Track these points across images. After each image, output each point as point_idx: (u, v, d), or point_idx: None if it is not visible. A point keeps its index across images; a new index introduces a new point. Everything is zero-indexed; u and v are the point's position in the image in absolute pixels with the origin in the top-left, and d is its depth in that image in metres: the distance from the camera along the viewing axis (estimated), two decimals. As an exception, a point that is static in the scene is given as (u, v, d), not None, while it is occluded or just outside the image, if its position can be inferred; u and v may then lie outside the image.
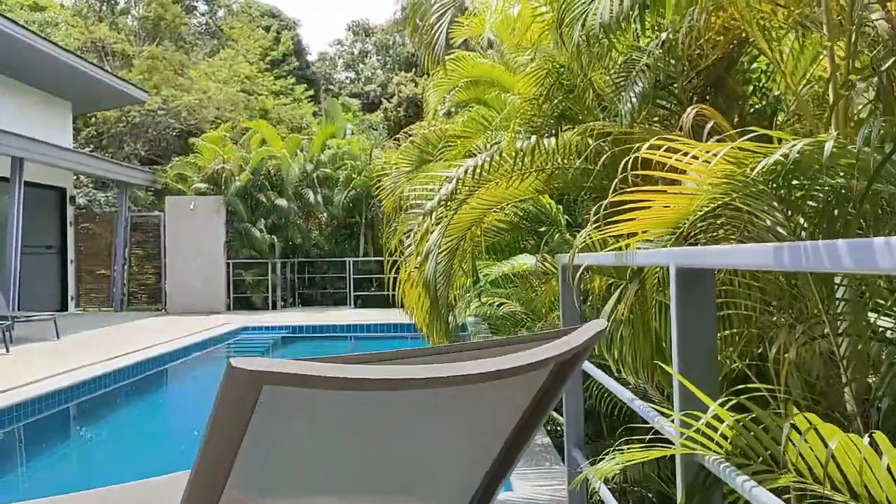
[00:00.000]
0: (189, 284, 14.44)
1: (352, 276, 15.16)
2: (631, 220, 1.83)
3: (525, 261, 4.20)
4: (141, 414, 7.41)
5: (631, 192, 1.75)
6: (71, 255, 15.03)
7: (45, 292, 14.02)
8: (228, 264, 14.66)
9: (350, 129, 29.35)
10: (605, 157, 2.50)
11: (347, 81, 43.35)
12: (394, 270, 4.39)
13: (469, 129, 4.84)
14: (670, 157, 1.67)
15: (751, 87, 3.16)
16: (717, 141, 1.94)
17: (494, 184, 3.09)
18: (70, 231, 15.05)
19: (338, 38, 48.18)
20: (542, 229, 4.47)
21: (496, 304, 4.93)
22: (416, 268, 3.20)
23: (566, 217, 4.42)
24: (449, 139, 5.08)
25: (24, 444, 5.93)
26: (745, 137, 1.68)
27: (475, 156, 4.86)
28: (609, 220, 1.92)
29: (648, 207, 1.78)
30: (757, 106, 3.13)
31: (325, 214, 15.89)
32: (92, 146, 20.19)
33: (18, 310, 11.05)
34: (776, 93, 3.13)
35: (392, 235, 10.28)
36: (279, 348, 11.46)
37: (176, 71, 20.70)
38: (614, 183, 1.85)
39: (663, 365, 2.08)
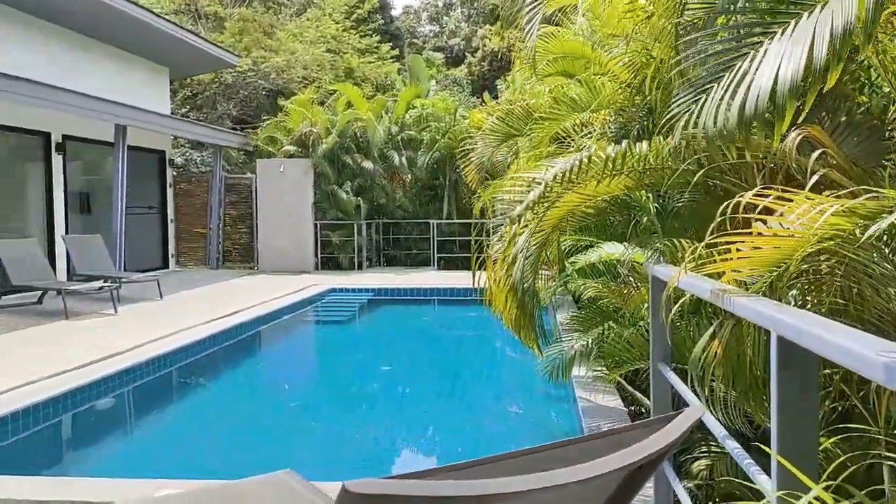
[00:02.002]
0: (279, 244, 14.93)
1: (435, 238, 15.28)
2: (729, 259, 1.76)
3: (613, 250, 4.11)
4: (243, 374, 7.80)
5: (733, 234, 1.67)
6: (171, 215, 15.78)
7: (148, 251, 14.81)
8: (316, 225, 15.04)
9: (434, 87, 29.28)
10: (702, 170, 2.39)
11: (431, 35, 42.99)
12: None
13: (557, 112, 4.71)
14: (775, 205, 1.58)
15: (859, 84, 2.94)
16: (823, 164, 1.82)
17: (583, 185, 3.01)
18: (169, 192, 15.77)
19: (422, -9, 47.50)
20: (629, 213, 4.37)
21: (582, 287, 4.87)
22: (504, 272, 3.19)
23: (656, 205, 4.29)
24: (536, 121, 4.98)
25: (137, 406, 6.37)
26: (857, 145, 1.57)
27: (563, 139, 4.77)
28: (713, 242, 1.84)
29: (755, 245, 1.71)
30: (866, 104, 2.91)
31: (409, 176, 15.99)
32: (188, 107, 20.89)
33: (124, 269, 11.73)
34: (886, 89, 2.90)
35: (475, 203, 10.27)
36: (365, 311, 11.75)
37: (265, 32, 21.03)
38: (711, 227, 1.77)
39: (758, 413, 2.02)
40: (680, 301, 2.29)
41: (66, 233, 12.16)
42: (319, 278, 13.34)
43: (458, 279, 13.04)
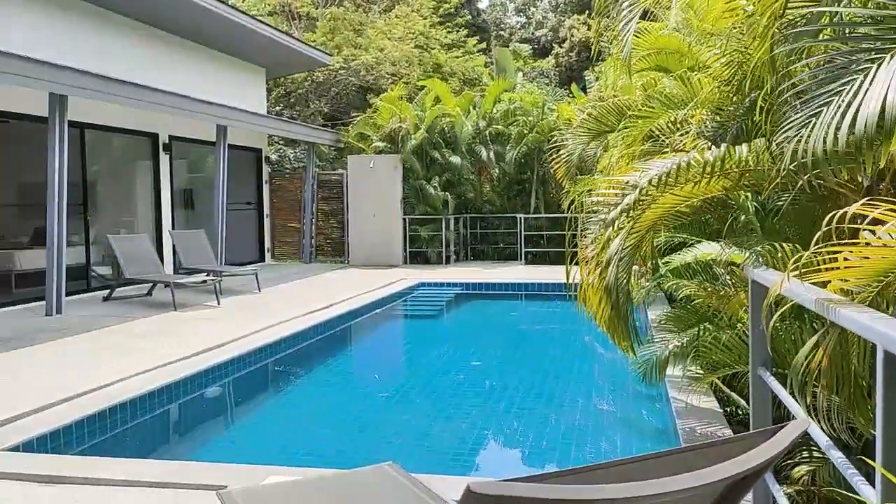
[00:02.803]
0: (369, 239, 15.29)
1: (522, 232, 15.28)
2: (835, 268, 1.74)
3: (709, 250, 4.04)
4: (338, 366, 8.09)
5: (840, 244, 1.66)
6: (266, 210, 16.43)
7: (245, 245, 15.49)
8: (405, 220, 15.31)
9: (520, 79, 29.11)
10: (807, 174, 2.34)
11: (518, 26, 42.72)
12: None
13: (650, 110, 4.66)
14: (886, 216, 1.56)
15: None
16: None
17: (679, 187, 2.99)
18: (265, 188, 16.42)
19: (510, -18, 47.23)
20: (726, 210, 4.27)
21: (676, 286, 4.80)
22: (598, 275, 3.21)
23: (755, 203, 4.19)
24: (628, 118, 4.93)
25: (244, 394, 6.72)
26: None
27: (657, 138, 4.71)
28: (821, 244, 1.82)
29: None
30: None
31: (496, 170, 16.03)
32: (281, 105, 21.62)
33: (225, 263, 12.33)
34: None
35: (563, 198, 10.21)
36: (453, 307, 11.90)
37: (355, 30, 21.49)
38: (816, 236, 1.75)
39: (861, 421, 1.98)
40: (781, 309, 2.26)
41: (172, 228, 12.89)
42: (408, 272, 13.60)
43: (546, 274, 13.01)
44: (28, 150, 10.17)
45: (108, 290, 10.49)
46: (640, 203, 2.87)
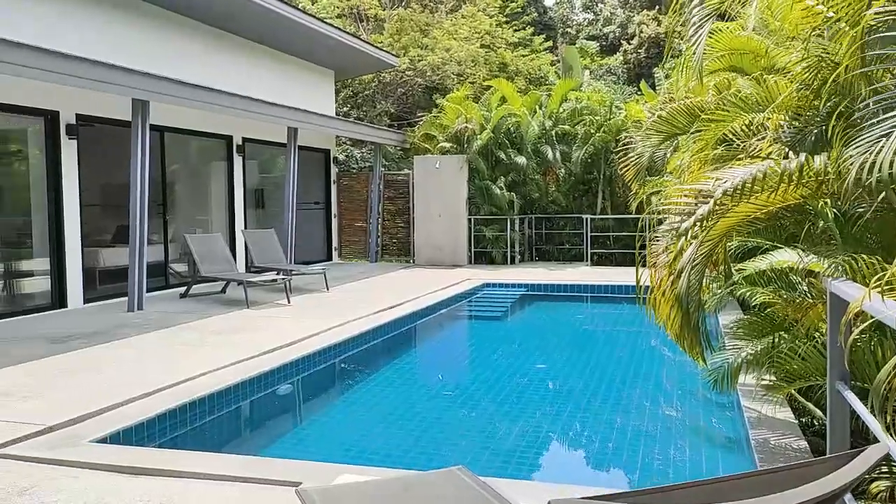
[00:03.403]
0: (434, 239, 15.41)
1: (589, 233, 15.12)
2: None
3: (785, 257, 3.94)
4: (405, 366, 8.21)
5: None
6: (334, 210, 16.75)
7: (313, 244, 15.85)
8: (470, 220, 15.36)
9: (587, 77, 28.76)
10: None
11: (585, 23, 42.23)
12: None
13: (724, 113, 4.56)
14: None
15: None
16: None
17: (754, 197, 2.94)
18: (333, 188, 16.74)
19: (577, -21, 46.71)
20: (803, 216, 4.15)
21: (749, 293, 4.69)
22: (669, 285, 3.18)
23: (834, 210, 4.06)
24: (701, 121, 4.84)
25: (314, 391, 6.90)
26: None
27: (731, 142, 4.61)
28: None
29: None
30: None
31: (562, 170, 15.92)
32: (349, 105, 21.99)
33: (294, 262, 12.65)
34: None
35: (632, 200, 10.06)
36: (518, 309, 11.89)
37: (422, 31, 21.67)
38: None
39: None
40: (862, 325, 2.20)
41: (245, 227, 13.30)
42: (473, 273, 13.65)
43: (612, 276, 12.86)
44: (110, 152, 10.65)
45: (185, 287, 10.90)
46: (714, 213, 2.83)
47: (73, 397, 5.12)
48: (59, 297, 9.56)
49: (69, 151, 9.61)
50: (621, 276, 12.67)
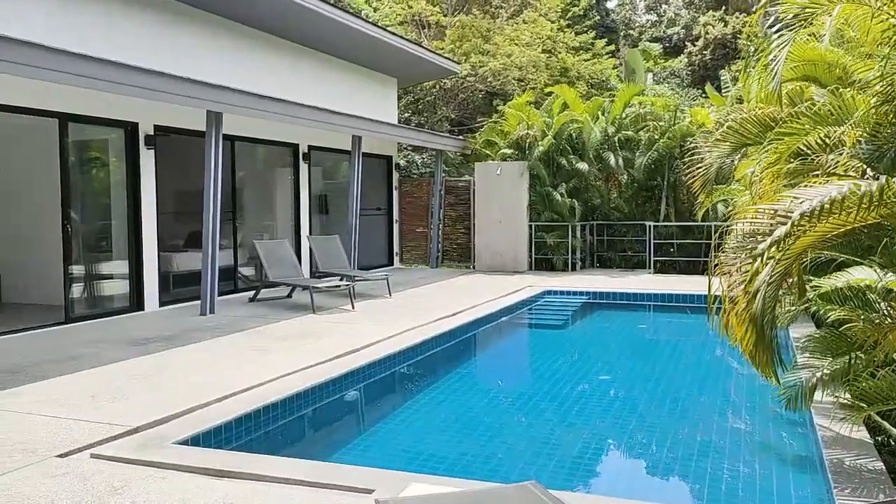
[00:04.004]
0: (495, 245, 15.46)
1: (652, 240, 14.92)
2: None
3: (862, 275, 3.86)
4: (470, 373, 8.30)
5: None
6: (396, 215, 16.98)
7: (375, 250, 16.10)
8: (531, 226, 15.35)
9: (650, 80, 28.35)
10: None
11: (648, 25, 41.63)
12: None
13: (797, 125, 4.48)
14: None
15: None
16: None
17: (834, 217, 2.91)
18: (395, 194, 16.98)
19: (639, -20, 46.10)
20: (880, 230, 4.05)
21: (824, 310, 4.60)
22: (744, 306, 3.16)
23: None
24: (772, 131, 4.76)
25: (376, 400, 7.05)
26: None
27: (805, 156, 4.54)
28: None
29: None
30: None
31: (624, 176, 15.77)
32: (410, 112, 22.25)
33: (357, 267, 12.89)
34: None
35: (698, 208, 9.89)
36: (580, 317, 11.83)
37: (483, 37, 21.76)
38: None
39: None
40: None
41: (310, 233, 13.62)
42: (534, 279, 13.64)
43: (676, 284, 12.68)
44: (183, 161, 11.07)
45: (253, 292, 11.24)
46: (791, 234, 2.81)
47: (156, 399, 5.37)
48: (136, 300, 9.99)
49: (147, 160, 10.04)
50: (686, 284, 12.47)
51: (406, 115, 21.69)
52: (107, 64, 7.68)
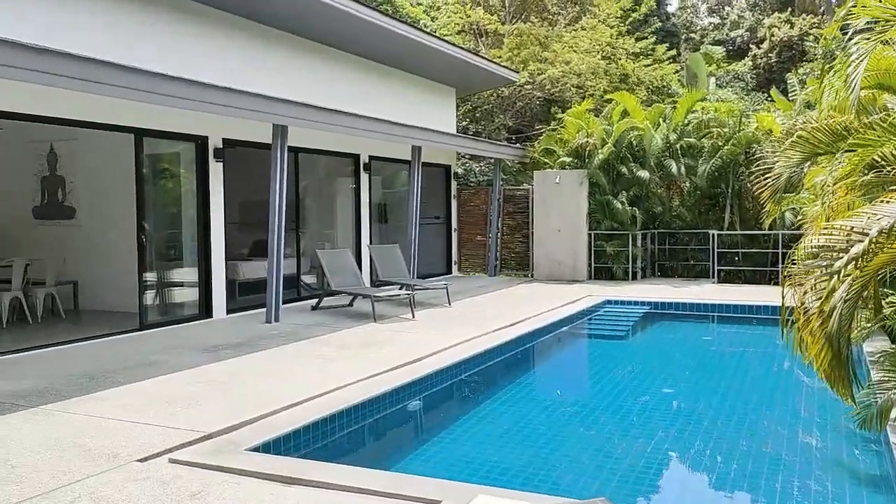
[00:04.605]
0: (553, 254, 15.38)
1: (715, 249, 14.59)
2: None
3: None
4: (531, 383, 8.30)
5: None
6: (454, 224, 17.08)
7: (434, 258, 16.22)
8: (590, 235, 15.22)
9: (713, 84, 27.77)
10: None
11: (710, 27, 40.81)
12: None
13: (872, 136, 4.37)
14: None
15: None
16: None
17: (913, 233, 2.83)
18: (453, 203, 17.08)
19: (702, -18, 45.25)
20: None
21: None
22: (819, 324, 3.10)
23: None
24: (849, 145, 4.65)
25: (439, 409, 7.12)
26: None
27: (880, 167, 4.41)
28: None
29: None
30: None
31: (687, 184, 15.49)
32: (467, 120, 22.34)
33: (417, 276, 13.01)
34: None
35: (764, 216, 9.69)
36: (642, 328, 11.68)
37: (541, 44, 21.70)
38: None
39: None
40: None
41: (370, 242, 13.83)
42: (593, 289, 13.52)
43: (742, 294, 12.39)
44: (248, 172, 11.40)
45: (316, 300, 11.47)
46: (869, 251, 2.76)
47: (227, 406, 5.56)
48: (205, 308, 10.32)
49: (216, 172, 10.38)
50: (751, 295, 12.18)
51: (463, 123, 21.78)
52: (181, 81, 7.99)
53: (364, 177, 13.85)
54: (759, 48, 31.22)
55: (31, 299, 10.04)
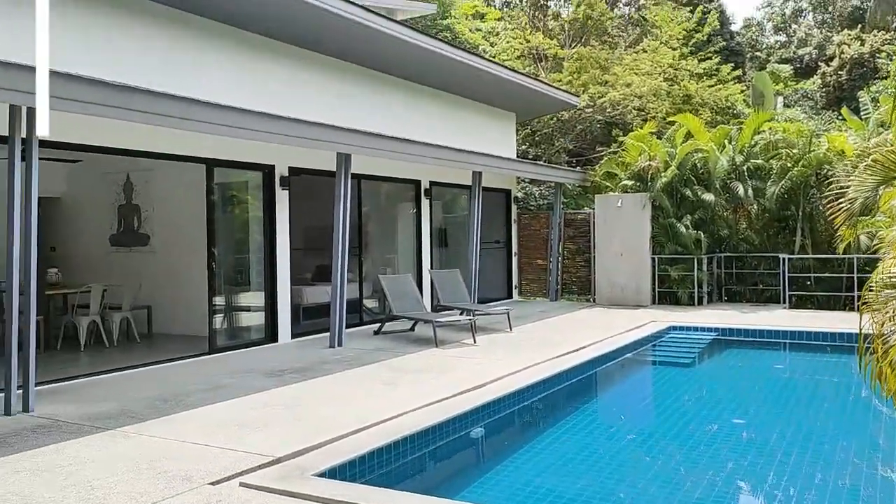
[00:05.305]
0: (616, 278, 15.16)
1: (786, 273, 14.12)
2: None
3: None
4: (596, 412, 8.18)
5: None
6: (514, 248, 17.05)
7: (494, 283, 16.19)
8: (653, 259, 14.96)
9: (780, 103, 27.07)
10: None
11: (777, 46, 39.91)
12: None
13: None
14: None
15: None
16: None
17: None
18: (513, 227, 17.06)
19: (767, 0, 44.41)
20: None
21: None
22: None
23: None
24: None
25: (502, 436, 7.08)
26: None
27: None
28: None
29: None
30: None
31: (754, 207, 15.10)
32: (527, 144, 22.35)
33: (477, 301, 13.01)
34: None
35: (839, 241, 9.34)
36: (709, 355, 11.37)
37: (602, 67, 21.60)
38: None
39: None
40: None
41: (431, 267, 13.92)
42: (658, 314, 13.26)
43: (815, 320, 11.94)
44: (311, 199, 11.64)
45: (378, 325, 11.59)
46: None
47: (294, 430, 5.66)
48: (271, 332, 10.56)
49: (282, 199, 10.67)
50: (824, 321, 11.72)
51: (523, 147, 21.79)
52: (251, 114, 8.27)
53: (425, 202, 14.00)
54: (829, 66, 30.36)
55: (108, 323, 10.46)
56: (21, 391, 6.38)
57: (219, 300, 10.21)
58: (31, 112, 6.21)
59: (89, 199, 12.19)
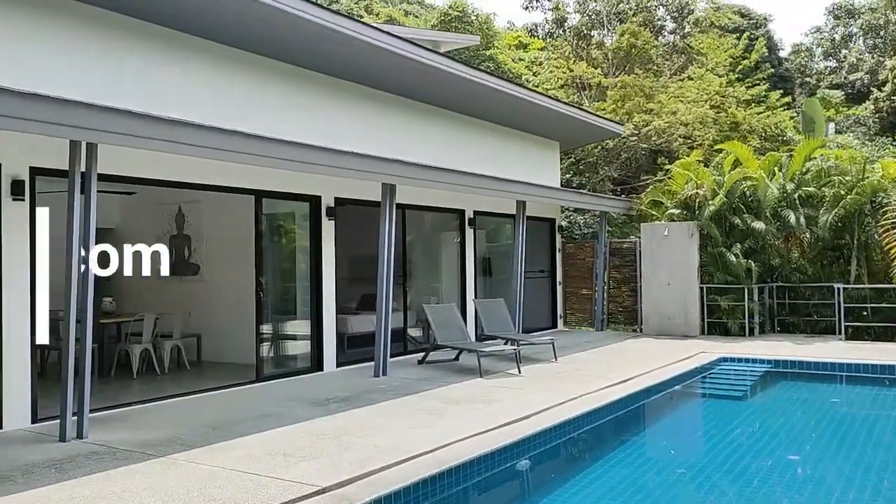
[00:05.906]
0: (663, 308, 14.90)
1: (841, 304, 13.67)
2: None
3: None
4: (643, 445, 8.01)
5: None
6: (559, 277, 16.92)
7: (539, 312, 16.06)
8: (702, 289, 14.67)
9: (832, 130, 26.49)
10: None
11: (827, 71, 39.21)
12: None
13: None
14: None
15: None
16: None
17: None
18: (558, 256, 16.95)
19: (816, 25, 43.82)
20: None
21: None
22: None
23: None
24: None
25: (549, 470, 6.98)
26: None
27: None
28: None
29: None
30: None
31: (807, 235, 14.73)
32: (571, 172, 22.29)
33: (521, 330, 12.92)
34: None
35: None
36: (761, 388, 11.05)
37: (646, 95, 21.49)
38: None
39: None
40: None
41: (475, 296, 13.90)
42: (707, 345, 12.96)
43: (872, 353, 11.53)
44: (356, 229, 11.77)
45: (422, 354, 11.59)
46: None
47: (339, 460, 5.68)
48: (317, 361, 10.64)
49: (328, 229, 10.82)
50: (884, 353, 11.31)
51: (567, 175, 21.74)
52: (298, 146, 8.44)
53: (469, 231, 14.03)
54: (881, 91, 29.74)
55: (160, 351, 10.69)
56: (76, 418, 6.53)
57: (266, 328, 10.36)
58: (91, 147, 6.46)
59: (142, 230, 12.56)
